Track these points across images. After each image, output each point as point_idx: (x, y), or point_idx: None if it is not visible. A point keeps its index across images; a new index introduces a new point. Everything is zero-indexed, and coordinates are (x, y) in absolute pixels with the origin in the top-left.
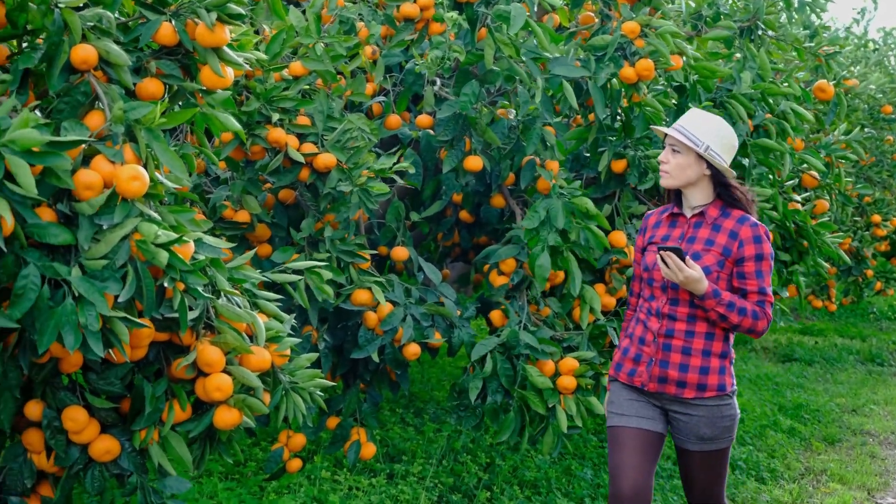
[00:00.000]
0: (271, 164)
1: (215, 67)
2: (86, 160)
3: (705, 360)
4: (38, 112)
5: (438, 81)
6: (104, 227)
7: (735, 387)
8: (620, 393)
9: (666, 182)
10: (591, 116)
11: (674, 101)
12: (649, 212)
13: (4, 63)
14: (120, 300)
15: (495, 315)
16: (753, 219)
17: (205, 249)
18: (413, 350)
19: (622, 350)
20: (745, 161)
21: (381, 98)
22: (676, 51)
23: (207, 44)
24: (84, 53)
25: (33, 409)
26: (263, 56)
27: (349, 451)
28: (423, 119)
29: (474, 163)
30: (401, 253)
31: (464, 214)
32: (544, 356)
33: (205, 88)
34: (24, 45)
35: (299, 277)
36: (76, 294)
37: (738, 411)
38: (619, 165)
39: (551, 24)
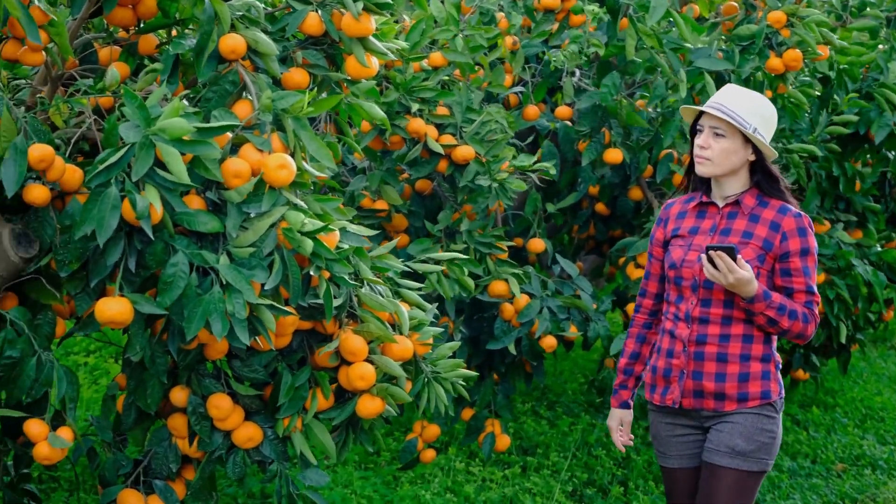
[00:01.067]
0: (409, 154)
1: (360, 57)
2: (234, 149)
3: (744, 365)
4: (185, 101)
5: (577, 72)
6: (251, 216)
7: (782, 398)
8: (658, 426)
9: (706, 170)
10: None
11: (818, 91)
12: (670, 200)
13: (154, 52)
14: (266, 288)
15: (631, 308)
16: (795, 208)
17: (349, 238)
18: (550, 342)
19: (651, 368)
20: (892, 154)
21: (519, 89)
22: (823, 41)
23: (353, 33)
24: (233, 43)
25: (178, 395)
26: (405, 45)
27: (483, 443)
28: (562, 110)
29: (614, 155)
30: (537, 245)
31: (600, 206)
32: None
33: (350, 78)
34: (174, 34)
35: (440, 267)
36: (224, 282)
37: (781, 433)
38: None
39: (691, 14)
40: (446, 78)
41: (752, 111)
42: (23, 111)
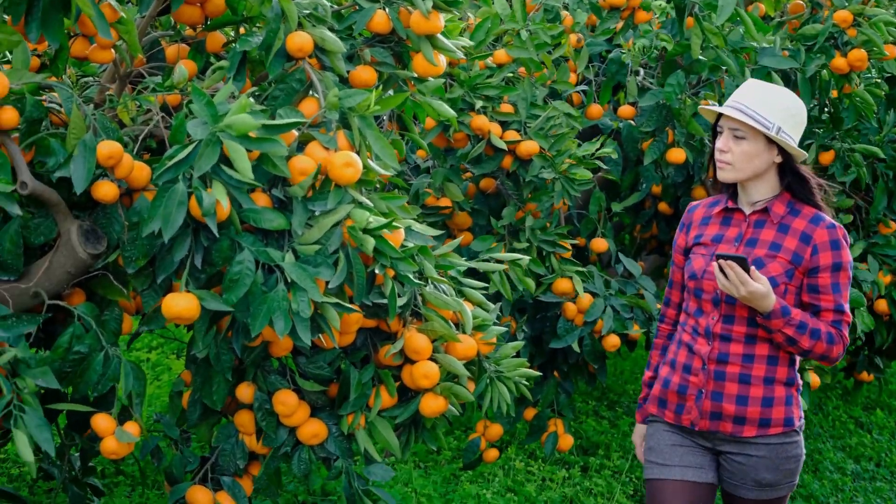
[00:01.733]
0: (473, 151)
1: (428, 55)
2: (300, 146)
3: (768, 389)
4: (252, 99)
5: (642, 71)
6: (317, 213)
7: (803, 421)
8: (662, 437)
9: (728, 176)
10: None
11: (885, 91)
12: (693, 203)
13: (221, 50)
14: (331, 286)
15: None
16: (829, 218)
17: (413, 237)
18: (613, 342)
19: (662, 381)
20: None
21: (583, 87)
22: (891, 40)
23: (421, 31)
24: (300, 41)
25: (245, 392)
26: (470, 43)
27: (546, 443)
28: (625, 109)
29: (677, 155)
30: (600, 244)
31: (663, 206)
32: None
33: (417, 76)
34: (241, 32)
35: (502, 266)
36: (289, 280)
37: (804, 451)
38: (826, 157)
39: (757, 13)
40: (510, 75)
41: (776, 109)
42: (91, 108)
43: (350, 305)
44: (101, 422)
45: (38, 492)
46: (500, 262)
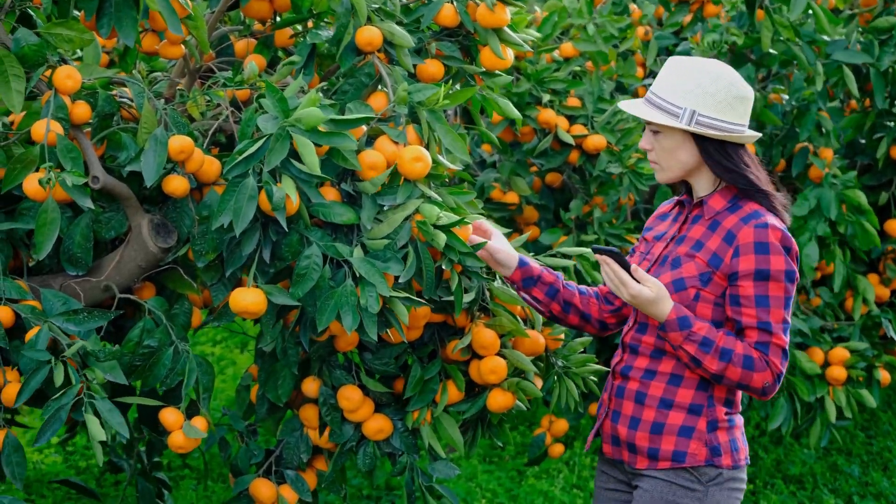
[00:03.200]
0: (540, 145)
1: (496, 48)
2: (370, 140)
3: (661, 413)
4: (321, 94)
5: None
6: (386, 208)
7: (718, 466)
8: (597, 476)
9: (660, 177)
10: (868, 102)
11: None
12: (666, 201)
13: (289, 44)
14: (401, 281)
15: None
16: (768, 218)
17: None
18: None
19: None
20: None
21: (651, 81)
22: None
23: (488, 24)
24: (369, 35)
25: (310, 386)
26: (537, 36)
27: None
28: None
29: None
30: None
31: None
32: (815, 343)
33: (484, 70)
34: (310, 26)
35: (570, 262)
36: (357, 274)
37: None
38: None
39: (825, 5)
40: (577, 69)
41: (686, 90)
42: (162, 103)
43: (418, 299)
44: (170, 416)
45: (105, 484)
46: (567, 256)
